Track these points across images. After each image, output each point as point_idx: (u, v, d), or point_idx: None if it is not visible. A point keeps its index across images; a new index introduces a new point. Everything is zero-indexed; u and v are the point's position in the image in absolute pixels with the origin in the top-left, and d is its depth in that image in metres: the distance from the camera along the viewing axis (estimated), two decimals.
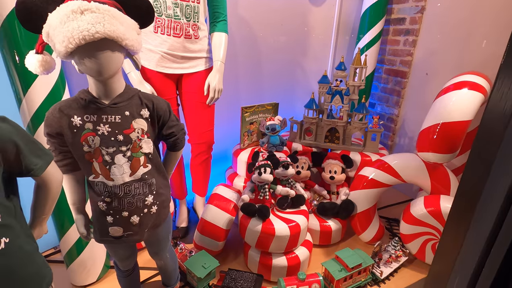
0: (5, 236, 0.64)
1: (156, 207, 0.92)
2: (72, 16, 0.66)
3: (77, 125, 0.79)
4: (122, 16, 0.74)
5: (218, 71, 1.40)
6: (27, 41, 0.98)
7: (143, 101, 0.87)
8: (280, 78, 2.12)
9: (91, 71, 0.74)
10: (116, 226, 0.88)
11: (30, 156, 0.66)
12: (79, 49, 0.69)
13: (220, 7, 1.40)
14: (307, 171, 1.72)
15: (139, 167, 0.86)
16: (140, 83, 1.28)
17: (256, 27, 1.92)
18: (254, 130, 1.78)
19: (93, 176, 0.84)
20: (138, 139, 0.84)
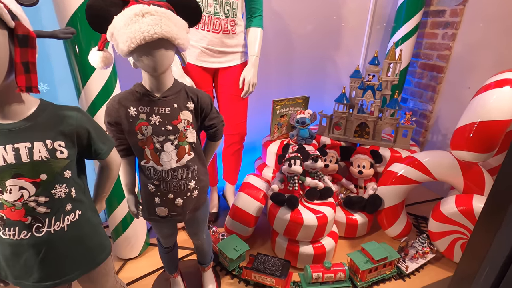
0: (78, 209, 0.75)
1: (197, 192, 1.01)
2: (135, 19, 0.75)
3: (132, 115, 0.89)
4: (175, 17, 0.82)
5: (253, 66, 1.46)
6: (85, 38, 1.09)
7: (189, 94, 0.95)
8: (311, 72, 2.14)
9: (147, 67, 0.82)
10: (162, 207, 0.98)
11: (98, 142, 0.77)
12: (139, 48, 0.77)
13: (257, 3, 1.45)
14: (335, 165, 1.75)
15: (184, 154, 0.95)
16: (182, 76, 1.36)
17: (289, 20, 1.94)
18: (284, 123, 1.83)
19: (144, 161, 0.94)
20: (184, 129, 0.93)
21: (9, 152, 0.63)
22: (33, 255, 0.70)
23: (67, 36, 0.70)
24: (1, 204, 0.64)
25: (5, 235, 0.67)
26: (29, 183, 0.65)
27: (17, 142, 0.64)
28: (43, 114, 0.68)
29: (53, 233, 0.70)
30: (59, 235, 0.71)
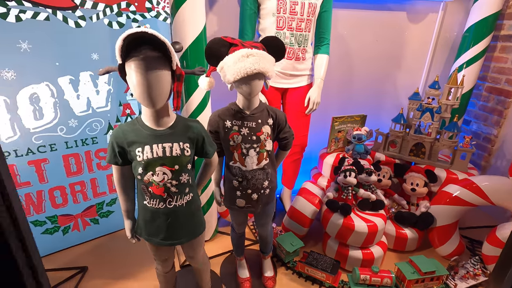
0: (191, 192, 1.05)
1: (268, 190, 1.26)
2: (241, 59, 1.03)
3: (228, 126, 1.18)
4: (268, 56, 1.09)
5: (318, 87, 1.68)
6: (192, 65, 1.43)
7: (270, 112, 1.21)
8: (370, 92, 2.27)
9: (244, 93, 1.11)
10: (241, 199, 1.25)
11: (208, 145, 1.06)
12: (241, 79, 1.06)
13: (325, 33, 1.68)
14: (388, 180, 1.86)
15: (263, 159, 1.21)
16: (259, 94, 1.65)
17: (350, 41, 2.12)
18: (341, 138, 2.01)
19: (232, 162, 1.22)
20: (264, 139, 1.19)
21: (160, 148, 0.95)
22: (163, 220, 1.01)
23: (202, 73, 1.01)
24: (151, 182, 0.97)
25: (150, 204, 1.00)
26: (168, 170, 0.97)
27: (164, 142, 0.96)
28: (178, 125, 0.99)
29: (178, 206, 1.01)
30: (181, 209, 1.02)
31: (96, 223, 1.78)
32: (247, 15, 1.56)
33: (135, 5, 1.52)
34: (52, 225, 1.62)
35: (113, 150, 0.96)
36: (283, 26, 1.54)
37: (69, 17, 1.36)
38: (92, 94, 1.53)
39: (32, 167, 1.47)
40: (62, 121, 1.48)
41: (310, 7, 1.54)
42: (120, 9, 1.48)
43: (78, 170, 1.61)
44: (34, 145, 1.44)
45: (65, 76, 1.43)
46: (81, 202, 1.68)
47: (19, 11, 1.25)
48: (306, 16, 1.55)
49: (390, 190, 1.90)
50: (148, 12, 1.57)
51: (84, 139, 1.57)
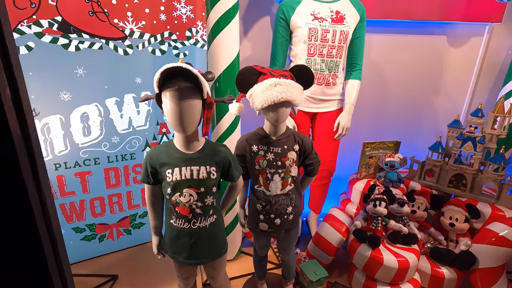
0: (215, 214, 1.09)
1: (292, 216, 1.26)
2: (269, 88, 1.07)
3: (254, 151, 1.21)
4: (296, 85, 1.11)
5: (348, 112, 1.67)
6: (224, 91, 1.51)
7: (296, 138, 1.22)
8: (405, 116, 2.19)
9: (271, 119, 1.14)
10: (264, 223, 1.26)
11: (233, 169, 1.10)
12: (269, 106, 1.09)
13: (358, 59, 1.67)
14: (424, 212, 1.74)
15: (287, 185, 1.22)
16: (287, 118, 1.67)
17: (385, 66, 2.08)
18: (372, 164, 1.94)
19: (257, 185, 1.24)
20: (290, 165, 1.20)
21: (188, 171, 1.01)
22: (187, 240, 1.05)
23: (231, 101, 1.07)
24: (178, 203, 1.02)
25: (175, 223, 1.05)
26: (194, 192, 1.02)
27: (192, 165, 1.01)
28: (206, 149, 1.05)
29: (201, 227, 1.05)
30: (204, 230, 1.06)
31: (128, 234, 1.88)
32: (279, 42, 1.62)
33: (177, 34, 1.65)
34: (90, 232, 1.76)
35: (146, 170, 1.04)
36: (314, 52, 1.56)
37: (119, 46, 1.52)
38: (133, 114, 1.67)
39: (78, 178, 1.62)
40: (106, 137, 1.63)
41: (342, 34, 1.55)
42: (163, 38, 1.62)
43: (117, 183, 1.74)
44: (81, 159, 1.60)
45: (111, 98, 1.58)
46: (117, 212, 1.80)
47: (79, 42, 1.43)
48: (338, 43, 1.56)
49: (426, 223, 1.78)
50: (187, 40, 1.70)
51: (123, 154, 1.71)
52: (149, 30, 1.57)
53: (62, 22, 1.37)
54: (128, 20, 1.50)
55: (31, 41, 1.33)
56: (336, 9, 1.56)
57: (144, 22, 1.54)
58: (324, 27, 1.53)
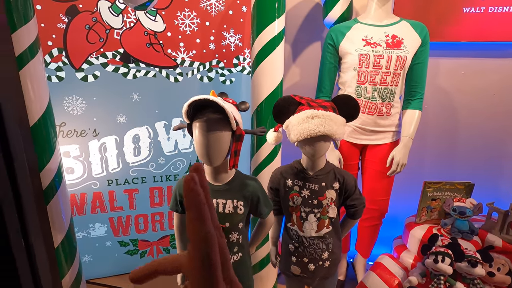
0: (240, 252, 1.02)
1: (328, 263, 1.11)
2: (306, 120, 0.98)
3: (289, 185, 1.12)
4: (337, 117, 1.00)
5: (405, 146, 1.46)
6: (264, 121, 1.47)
7: (336, 175, 1.09)
8: (481, 154, 1.83)
9: (308, 154, 1.04)
10: (296, 266, 1.13)
11: (263, 205, 1.03)
12: (305, 140, 1.00)
13: (418, 86, 1.47)
14: (507, 276, 1.38)
15: (324, 227, 1.09)
16: (332, 149, 1.54)
17: (454, 94, 1.80)
18: (436, 207, 1.65)
19: (290, 224, 1.14)
20: (327, 205, 1.07)
21: (214, 204, 0.97)
22: None
23: (262, 134, 1.02)
24: None
25: None
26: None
27: (219, 198, 0.97)
28: (235, 181, 1.00)
29: None
30: None
31: (167, 252, 1.92)
32: (327, 69, 1.53)
33: (224, 62, 1.70)
34: (133, 247, 1.84)
35: (175, 199, 1.03)
36: (364, 80, 1.43)
37: (170, 74, 1.62)
38: (179, 137, 1.74)
39: (126, 195, 1.73)
40: (154, 158, 1.72)
41: (399, 60, 1.39)
42: (211, 65, 1.68)
43: (160, 202, 1.81)
44: (130, 177, 1.71)
45: (161, 121, 1.68)
46: (158, 231, 1.86)
47: (136, 70, 1.56)
48: (393, 69, 1.40)
49: None
50: (234, 67, 1.73)
51: (168, 175, 1.78)
52: (199, 58, 1.64)
53: (123, 53, 1.52)
54: (180, 50, 1.60)
55: (97, 71, 1.51)
56: (392, 33, 1.41)
57: (195, 52, 1.63)
58: (377, 52, 1.39)
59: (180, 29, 1.57)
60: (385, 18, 1.44)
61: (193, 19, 1.57)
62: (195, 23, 1.58)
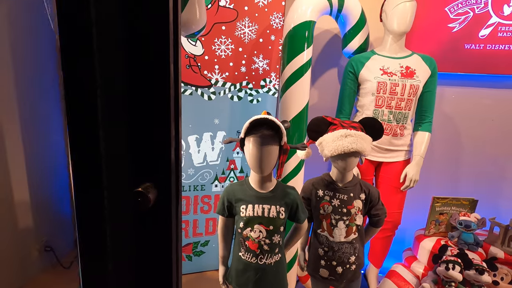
0: (280, 253, 1.15)
1: (354, 266, 1.24)
2: (340, 138, 1.15)
3: (320, 195, 1.27)
4: (366, 136, 1.17)
5: (417, 164, 1.63)
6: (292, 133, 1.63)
7: (363, 188, 1.25)
8: (482, 173, 2.01)
9: (340, 167, 1.20)
10: (325, 269, 1.26)
11: (300, 212, 1.17)
12: (338, 155, 1.16)
13: (428, 111, 1.66)
14: (510, 286, 1.52)
15: (351, 233, 1.23)
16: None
17: (458, 120, 2.00)
18: (443, 221, 1.80)
19: (320, 230, 1.27)
20: (355, 213, 1.22)
21: (260, 208, 1.11)
22: (253, 274, 1.12)
23: (304, 149, 1.18)
24: (248, 237, 1.11)
25: (244, 256, 1.13)
26: (264, 229, 1.10)
27: (264, 204, 1.11)
28: (278, 190, 1.14)
29: (267, 264, 1.11)
30: (269, 267, 1.12)
31: (189, 260, 2.02)
32: (347, 94, 1.71)
33: (253, 83, 1.88)
34: None
35: (223, 204, 1.17)
36: (382, 104, 1.62)
37: (205, 93, 1.79)
38: (208, 150, 1.88)
39: None
40: (184, 169, 1.85)
41: (412, 88, 1.59)
42: (242, 86, 1.86)
43: (186, 210, 1.92)
44: None
45: (193, 135, 1.83)
46: (183, 238, 1.96)
47: None
48: (407, 96, 1.60)
49: None
50: (261, 89, 1.91)
51: (196, 185, 1.91)
52: (231, 79, 1.82)
53: None
54: (215, 71, 1.78)
55: None
56: (406, 64, 1.61)
57: (228, 73, 1.81)
58: (394, 81, 1.59)
59: (216, 53, 1.75)
60: (399, 52, 1.65)
61: (228, 45, 1.76)
62: (230, 48, 1.77)
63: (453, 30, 1.84)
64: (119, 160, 0.53)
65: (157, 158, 0.51)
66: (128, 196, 0.51)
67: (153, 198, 0.51)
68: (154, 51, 0.48)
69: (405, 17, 1.54)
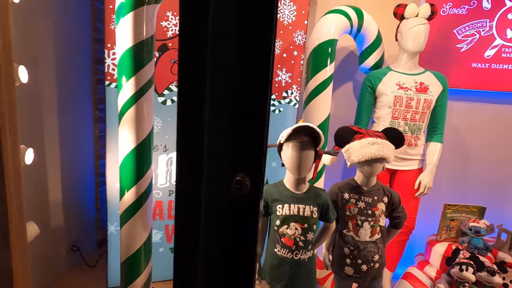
0: (312, 250, 1.25)
1: (378, 265, 1.34)
2: (367, 145, 1.27)
3: (346, 198, 1.38)
4: (390, 145, 1.30)
5: (430, 173, 1.76)
6: None
7: (385, 192, 1.37)
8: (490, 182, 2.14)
9: (366, 172, 1.32)
10: (350, 267, 1.36)
11: (330, 212, 1.28)
12: (365, 161, 1.28)
13: (439, 124, 1.80)
14: None
15: (376, 233, 1.33)
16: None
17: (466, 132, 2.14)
18: (454, 227, 1.91)
19: (346, 230, 1.38)
20: (379, 215, 1.33)
21: (295, 208, 1.22)
22: (288, 269, 1.22)
23: (336, 154, 1.30)
24: (284, 234, 1.22)
25: (279, 252, 1.23)
26: (299, 226, 1.21)
27: (299, 204, 1.22)
28: (311, 191, 1.26)
29: (301, 259, 1.21)
30: (303, 262, 1.22)
31: None
32: (365, 106, 1.85)
33: (276, 94, 2.01)
34: None
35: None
36: (398, 116, 1.75)
37: None
38: None
39: None
40: None
41: (426, 102, 1.73)
42: None
43: None
44: None
45: None
46: None
47: None
48: (421, 109, 1.74)
49: None
50: (283, 99, 2.04)
51: None
52: None
53: None
54: None
55: (175, 96, 1.79)
56: (420, 80, 1.76)
57: None
58: (409, 95, 1.73)
59: None
60: (413, 69, 1.80)
61: None
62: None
63: (461, 50, 2.01)
64: (219, 153, 0.64)
65: (252, 152, 0.63)
66: (227, 184, 0.63)
67: (249, 185, 0.62)
68: (258, 57, 0.60)
69: (420, 38, 1.70)
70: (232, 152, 0.64)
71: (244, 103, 0.63)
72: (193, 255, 0.69)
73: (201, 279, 0.69)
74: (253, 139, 0.63)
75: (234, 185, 0.62)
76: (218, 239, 0.67)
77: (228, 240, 0.67)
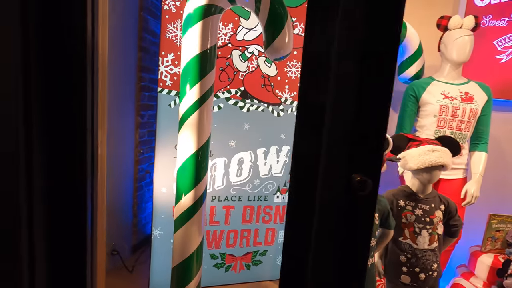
0: (373, 257, 1.25)
1: (436, 273, 1.33)
2: (427, 152, 1.28)
3: (401, 205, 1.38)
4: (449, 152, 1.31)
5: (476, 182, 1.75)
6: None
7: (442, 200, 1.37)
8: None
9: (424, 180, 1.33)
10: (407, 275, 1.35)
11: (390, 219, 1.28)
12: (424, 168, 1.29)
13: (484, 133, 1.81)
14: None
15: (434, 241, 1.33)
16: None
17: (505, 143, 2.13)
18: (499, 238, 1.88)
19: (402, 238, 1.38)
20: (437, 223, 1.33)
21: None
22: None
23: (398, 161, 1.31)
24: None
25: None
26: None
27: None
28: None
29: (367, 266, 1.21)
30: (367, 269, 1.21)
31: (248, 269, 2.09)
32: (408, 115, 1.87)
33: None
34: (221, 261, 2.01)
35: None
36: (444, 125, 1.76)
37: (275, 110, 1.96)
38: (274, 163, 2.02)
39: (224, 210, 1.96)
40: (251, 179, 1.98)
41: (472, 111, 1.74)
42: None
43: (250, 219, 2.03)
44: (230, 195, 1.95)
45: (261, 148, 1.97)
46: (244, 247, 2.05)
47: (250, 105, 1.90)
48: (467, 119, 1.75)
49: None
50: None
51: (260, 196, 2.02)
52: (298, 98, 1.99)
53: (243, 91, 1.87)
54: (285, 91, 1.95)
55: (221, 103, 1.84)
56: (465, 90, 1.78)
57: (295, 93, 1.98)
58: (455, 104, 1.75)
59: (287, 74, 1.94)
60: (457, 79, 1.82)
61: (298, 68, 1.94)
62: (299, 71, 1.95)
63: (501, 61, 2.03)
64: (338, 152, 0.67)
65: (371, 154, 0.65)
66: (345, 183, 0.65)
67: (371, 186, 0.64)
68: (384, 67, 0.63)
69: (465, 48, 1.72)
70: (352, 153, 0.66)
71: (365, 106, 0.66)
72: (306, 250, 0.70)
73: (311, 273, 0.70)
74: (374, 143, 0.66)
75: (356, 184, 0.64)
76: (333, 236, 0.69)
77: (344, 237, 0.68)
